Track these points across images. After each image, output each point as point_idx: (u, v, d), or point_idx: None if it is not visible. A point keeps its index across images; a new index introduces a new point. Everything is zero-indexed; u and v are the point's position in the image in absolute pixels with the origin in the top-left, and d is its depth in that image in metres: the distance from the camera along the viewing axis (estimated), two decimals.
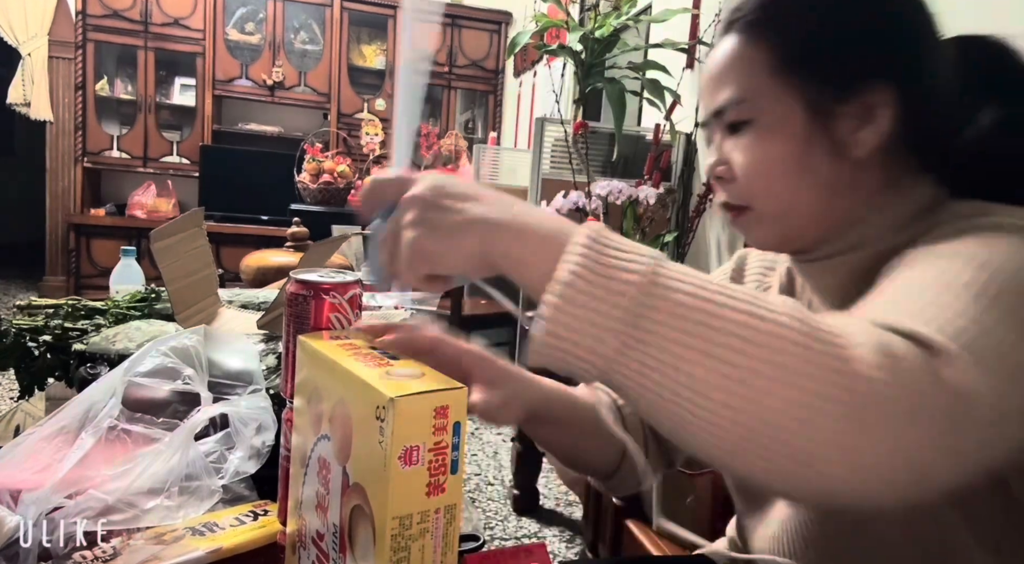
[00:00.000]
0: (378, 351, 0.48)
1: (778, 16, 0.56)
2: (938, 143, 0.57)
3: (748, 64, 0.57)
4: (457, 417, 0.42)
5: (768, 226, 0.59)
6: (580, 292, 0.38)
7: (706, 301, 0.37)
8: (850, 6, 0.56)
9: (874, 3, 0.56)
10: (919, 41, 0.55)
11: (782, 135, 0.56)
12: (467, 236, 0.43)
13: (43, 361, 0.87)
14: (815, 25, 0.55)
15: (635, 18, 2.25)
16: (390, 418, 0.39)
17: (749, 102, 0.56)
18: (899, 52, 0.54)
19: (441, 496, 0.42)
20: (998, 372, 0.38)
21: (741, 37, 0.57)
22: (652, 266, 0.38)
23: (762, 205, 0.58)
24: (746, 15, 0.57)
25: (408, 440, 0.40)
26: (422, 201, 0.44)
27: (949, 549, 0.52)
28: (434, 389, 0.41)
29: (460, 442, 0.42)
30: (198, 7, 4.48)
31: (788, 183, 0.56)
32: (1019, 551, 0.52)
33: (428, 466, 0.41)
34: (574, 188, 2.18)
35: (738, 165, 0.58)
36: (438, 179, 0.45)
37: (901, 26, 0.55)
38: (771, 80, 0.55)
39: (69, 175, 4.45)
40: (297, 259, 1.62)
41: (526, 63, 4.39)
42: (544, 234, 0.41)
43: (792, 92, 0.55)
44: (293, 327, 0.53)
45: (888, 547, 0.55)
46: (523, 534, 1.94)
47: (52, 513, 0.52)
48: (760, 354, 0.36)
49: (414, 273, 0.45)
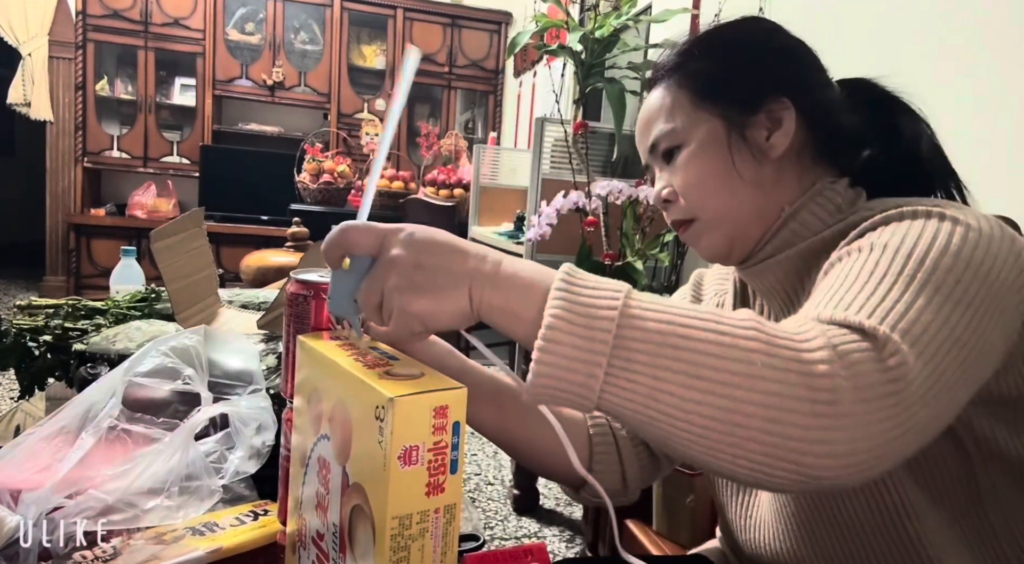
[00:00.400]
0: (378, 351, 0.48)
1: (690, 62, 0.67)
2: (845, 148, 0.67)
3: (673, 102, 0.67)
4: (457, 416, 0.42)
5: (714, 232, 0.67)
6: (563, 333, 0.42)
7: (674, 325, 0.42)
8: (743, 45, 0.68)
9: (761, 39, 0.68)
10: (801, 61, 0.68)
11: (710, 150, 0.65)
12: (456, 294, 0.46)
13: (43, 361, 0.87)
14: (719, 62, 0.67)
15: (635, 18, 2.25)
16: (389, 418, 0.39)
17: (679, 130, 0.66)
18: (786, 71, 0.66)
19: (441, 496, 0.42)
20: (930, 350, 0.44)
21: (664, 84, 0.68)
22: (623, 300, 0.43)
23: (704, 214, 0.66)
24: (666, 67, 0.69)
25: (407, 440, 0.40)
26: (404, 264, 0.46)
27: (913, 526, 0.58)
28: (433, 389, 0.41)
29: (460, 442, 0.42)
30: (198, 7, 4.49)
31: (723, 189, 0.65)
32: (985, 532, 0.58)
33: (428, 466, 0.41)
34: (574, 188, 2.18)
35: (679, 185, 0.67)
36: (414, 236, 0.47)
37: (784, 53, 0.67)
38: (693, 110, 0.66)
39: (69, 175, 4.45)
40: (297, 259, 1.62)
41: (526, 63, 4.39)
42: (526, 283, 0.46)
43: (711, 115, 0.65)
44: (293, 327, 0.53)
45: (859, 531, 0.59)
46: (523, 534, 1.94)
47: (52, 513, 0.52)
48: (728, 367, 0.41)
49: (405, 332, 0.47)
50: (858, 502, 0.59)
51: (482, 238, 3.22)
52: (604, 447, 0.68)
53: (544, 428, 0.60)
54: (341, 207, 4.12)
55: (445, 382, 0.43)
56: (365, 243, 0.47)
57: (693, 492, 1.17)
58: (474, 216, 3.43)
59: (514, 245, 2.73)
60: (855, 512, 0.59)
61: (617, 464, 0.68)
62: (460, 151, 4.42)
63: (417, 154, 4.78)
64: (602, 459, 0.68)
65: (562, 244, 2.30)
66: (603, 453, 0.68)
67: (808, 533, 0.63)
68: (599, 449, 0.68)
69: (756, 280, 0.68)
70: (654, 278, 2.35)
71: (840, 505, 0.60)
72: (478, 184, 3.42)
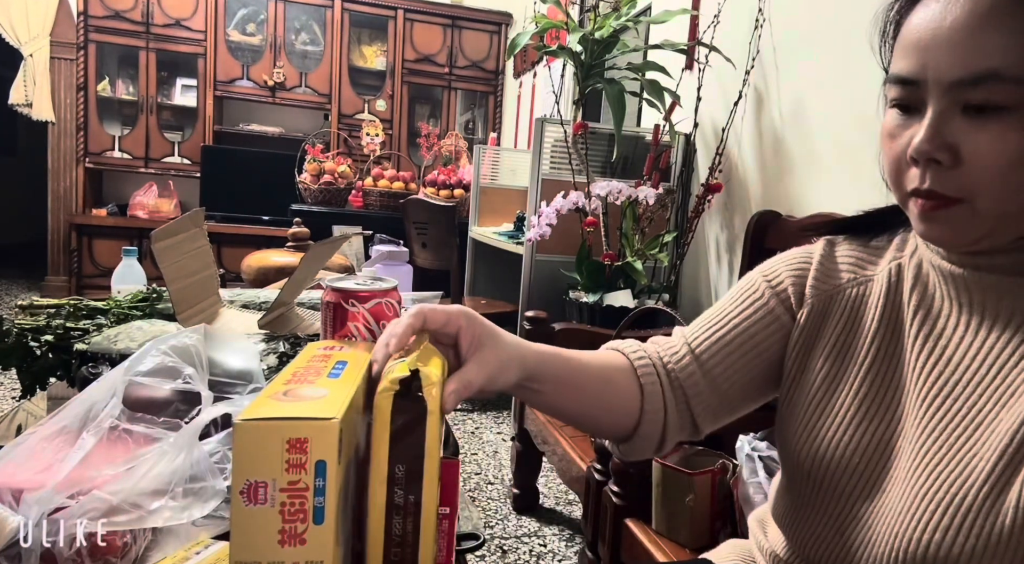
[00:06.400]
0: (337, 361, 0.46)
1: None
2: None
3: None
4: (321, 454, 0.35)
5: (978, 224, 0.50)
6: None
7: None
8: None
9: None
10: None
11: None
12: None
13: (45, 361, 0.87)
14: None
15: (635, 19, 2.25)
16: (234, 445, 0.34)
17: (1017, 84, 0.45)
18: None
19: (300, 548, 0.35)
20: None
21: None
22: None
23: (986, 203, 0.49)
24: None
25: (252, 473, 0.35)
26: None
27: None
28: (288, 417, 0.35)
29: (326, 486, 0.35)
30: (199, 8, 4.49)
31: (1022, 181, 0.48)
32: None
33: (281, 508, 0.35)
34: (574, 188, 2.18)
35: (975, 155, 0.48)
36: None
37: None
38: None
39: (71, 175, 4.45)
40: (298, 259, 1.62)
41: (526, 64, 4.39)
42: None
43: None
44: (328, 333, 0.54)
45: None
46: (523, 533, 1.94)
47: (54, 513, 0.52)
48: None
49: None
50: None
51: (482, 238, 3.22)
52: (652, 387, 0.68)
53: (595, 398, 0.65)
54: (342, 207, 4.13)
55: (324, 410, 0.36)
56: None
57: (693, 492, 1.17)
58: (474, 216, 3.43)
59: (514, 245, 2.73)
60: None
61: (662, 417, 0.68)
62: (460, 152, 4.42)
63: (417, 155, 4.78)
64: (651, 411, 0.67)
65: (562, 244, 2.30)
66: (652, 392, 0.68)
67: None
68: (649, 401, 0.67)
69: (984, 291, 0.53)
70: (653, 278, 2.35)
71: None
72: (478, 184, 3.42)
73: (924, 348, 0.57)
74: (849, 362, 0.62)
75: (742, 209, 2.16)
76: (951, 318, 0.56)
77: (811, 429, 0.62)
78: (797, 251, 0.69)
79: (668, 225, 2.33)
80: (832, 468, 0.60)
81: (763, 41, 2.03)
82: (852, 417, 0.60)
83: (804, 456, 0.62)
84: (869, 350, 0.61)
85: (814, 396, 0.63)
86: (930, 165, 0.50)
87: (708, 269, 2.35)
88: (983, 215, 0.49)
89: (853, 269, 0.64)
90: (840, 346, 0.63)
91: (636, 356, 0.70)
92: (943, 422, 0.54)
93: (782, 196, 1.97)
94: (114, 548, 0.52)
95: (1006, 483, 0.48)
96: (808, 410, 0.63)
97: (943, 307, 0.57)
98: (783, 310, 0.67)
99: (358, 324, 0.55)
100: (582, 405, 0.66)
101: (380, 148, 4.58)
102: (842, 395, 0.61)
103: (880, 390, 0.60)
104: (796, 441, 0.63)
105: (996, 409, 0.51)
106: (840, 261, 0.66)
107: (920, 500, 0.52)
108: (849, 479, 0.59)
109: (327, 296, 0.57)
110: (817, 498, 0.62)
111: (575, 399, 0.66)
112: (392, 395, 0.40)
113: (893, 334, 0.60)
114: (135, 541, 0.54)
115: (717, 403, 0.68)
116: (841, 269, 0.65)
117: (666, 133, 2.24)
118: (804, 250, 0.68)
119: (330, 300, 0.56)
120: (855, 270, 0.64)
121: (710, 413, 0.69)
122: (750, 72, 2.07)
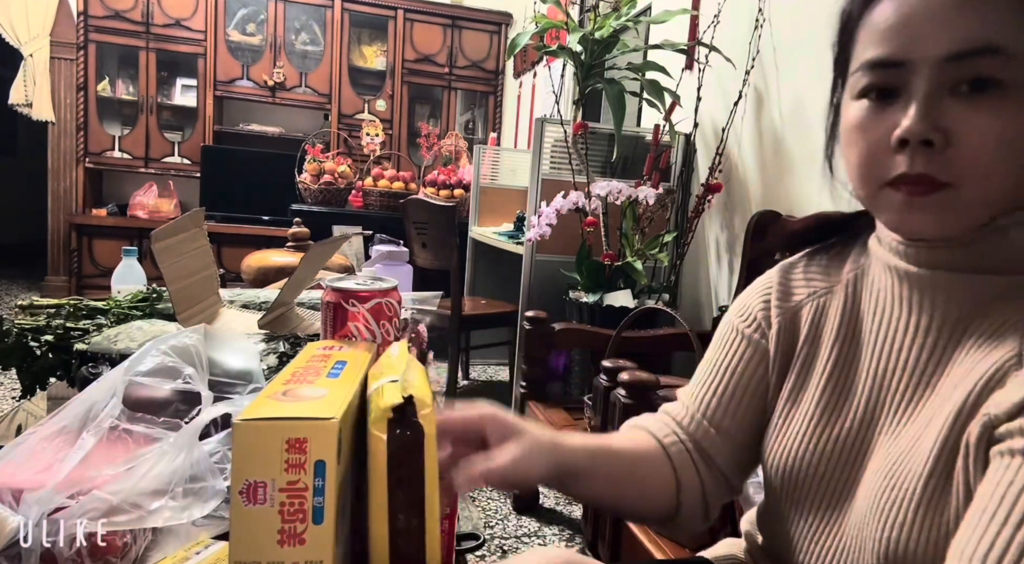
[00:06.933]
0: (336, 363, 0.45)
1: None
2: None
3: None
4: (321, 454, 0.35)
5: (960, 210, 0.48)
6: None
7: None
8: None
9: None
10: None
11: None
12: None
13: (45, 361, 0.88)
14: None
15: (635, 19, 2.25)
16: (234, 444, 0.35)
17: (1012, 58, 0.43)
18: None
19: (299, 548, 0.35)
20: None
21: None
22: None
23: (971, 189, 0.47)
24: None
25: (251, 473, 0.35)
26: None
27: None
28: (287, 417, 0.35)
29: (326, 486, 0.35)
30: (199, 8, 4.49)
31: (1013, 164, 0.46)
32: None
33: (280, 509, 0.35)
34: (574, 188, 2.18)
35: (967, 136, 0.46)
36: None
37: None
38: None
39: (71, 175, 4.45)
40: (298, 259, 1.62)
41: (526, 64, 4.39)
42: None
43: None
44: (328, 333, 0.54)
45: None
46: (523, 533, 1.94)
47: (54, 513, 0.52)
48: None
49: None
50: None
51: (482, 238, 3.22)
52: (680, 457, 0.68)
53: (630, 483, 0.66)
54: (342, 207, 4.12)
55: (319, 410, 0.36)
56: None
57: None
58: (474, 216, 3.43)
59: (514, 245, 2.73)
60: None
61: (698, 483, 0.68)
62: (460, 151, 4.42)
63: (417, 155, 4.78)
64: (687, 481, 0.68)
65: (562, 244, 2.30)
66: (687, 476, 0.68)
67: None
68: (682, 472, 0.68)
69: (934, 289, 0.53)
70: (653, 278, 2.35)
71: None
72: (478, 184, 3.42)
73: (876, 351, 0.58)
74: (811, 373, 0.63)
75: (742, 209, 2.16)
76: (901, 320, 0.56)
77: (779, 440, 0.64)
78: (758, 281, 0.70)
79: (668, 225, 2.33)
80: (800, 477, 0.61)
81: (763, 41, 2.03)
82: (815, 425, 0.61)
83: (774, 467, 0.63)
84: (829, 358, 0.62)
85: (782, 409, 0.65)
86: (920, 148, 0.48)
87: (708, 269, 2.35)
88: (966, 201, 0.48)
89: (812, 285, 0.65)
90: (804, 359, 0.64)
91: (663, 433, 0.70)
92: (893, 421, 0.55)
93: (782, 196, 1.97)
94: (114, 548, 0.52)
95: (949, 474, 0.49)
96: (776, 423, 0.65)
97: (894, 309, 0.57)
98: (759, 337, 0.68)
99: (358, 324, 0.55)
100: (620, 495, 0.67)
101: (380, 148, 4.59)
102: (804, 405, 0.63)
103: (840, 397, 0.61)
104: (767, 454, 0.65)
105: (937, 402, 0.52)
106: (798, 280, 0.67)
107: (878, 500, 0.53)
108: (818, 487, 0.60)
109: (327, 296, 0.57)
110: (792, 509, 0.62)
111: (612, 490, 0.66)
112: (386, 423, 0.39)
113: (852, 341, 0.61)
114: (135, 541, 0.54)
115: (738, 454, 0.69)
116: (800, 286, 0.66)
117: (666, 133, 2.24)
118: (763, 278, 0.70)
119: (330, 300, 0.56)
120: (814, 285, 0.65)
121: (736, 465, 0.70)
122: (750, 72, 2.07)
